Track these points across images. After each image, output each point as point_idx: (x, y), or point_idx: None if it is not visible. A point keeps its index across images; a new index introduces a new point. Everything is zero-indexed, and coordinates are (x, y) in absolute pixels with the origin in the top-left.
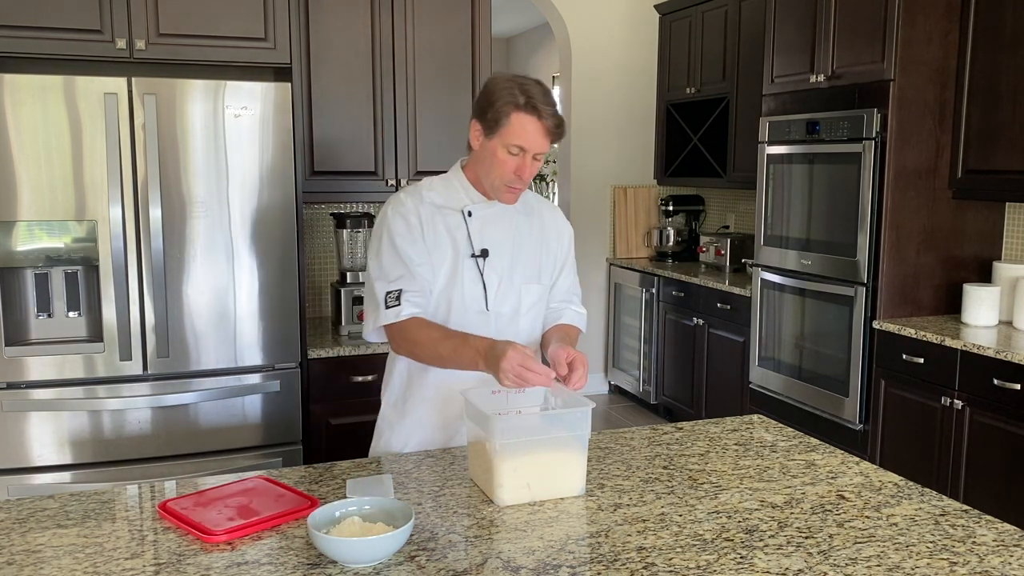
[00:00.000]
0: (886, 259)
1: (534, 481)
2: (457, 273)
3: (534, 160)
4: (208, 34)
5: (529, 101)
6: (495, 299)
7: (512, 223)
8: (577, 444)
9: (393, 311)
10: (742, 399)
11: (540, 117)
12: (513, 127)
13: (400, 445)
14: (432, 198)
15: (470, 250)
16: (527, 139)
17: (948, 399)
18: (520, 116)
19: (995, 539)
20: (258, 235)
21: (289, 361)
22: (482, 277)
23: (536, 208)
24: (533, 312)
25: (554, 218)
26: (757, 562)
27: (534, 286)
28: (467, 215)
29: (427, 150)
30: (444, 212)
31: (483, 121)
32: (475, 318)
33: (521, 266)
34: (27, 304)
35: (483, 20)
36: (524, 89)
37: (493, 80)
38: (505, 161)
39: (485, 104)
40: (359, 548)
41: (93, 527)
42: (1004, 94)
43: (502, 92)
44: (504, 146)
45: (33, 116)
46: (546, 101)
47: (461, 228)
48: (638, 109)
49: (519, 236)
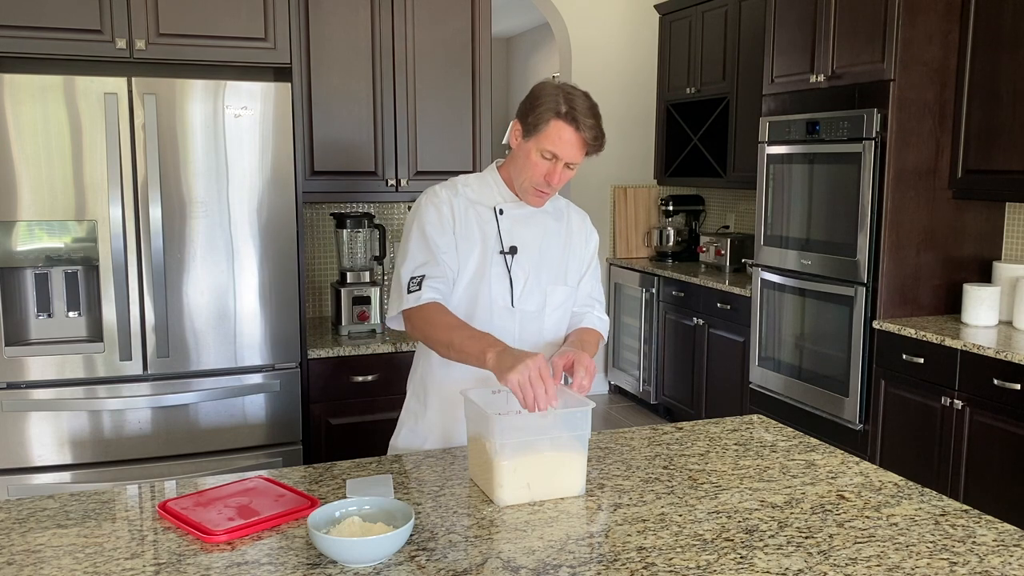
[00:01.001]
0: (886, 259)
1: (534, 481)
2: (485, 268)
3: (566, 168)
4: (208, 34)
5: (571, 111)
6: (521, 296)
7: (542, 225)
8: (577, 444)
9: (414, 295)
10: (742, 399)
11: (578, 128)
12: (550, 133)
13: (421, 439)
14: (467, 193)
15: (499, 246)
16: (562, 147)
17: (948, 399)
18: (559, 124)
19: (995, 539)
20: (258, 235)
21: (289, 361)
22: (509, 274)
23: (566, 213)
24: (558, 313)
25: (582, 224)
26: (757, 562)
27: (560, 287)
28: (498, 212)
29: (427, 150)
30: (477, 207)
31: (524, 122)
32: (501, 314)
33: (548, 266)
34: (27, 304)
35: (483, 20)
36: (568, 99)
37: (542, 85)
38: (537, 164)
39: (529, 107)
40: (359, 548)
41: (93, 527)
42: (1004, 94)
43: (547, 98)
44: (539, 150)
45: (33, 116)
46: (588, 114)
47: (492, 224)
48: (638, 109)
49: (547, 237)
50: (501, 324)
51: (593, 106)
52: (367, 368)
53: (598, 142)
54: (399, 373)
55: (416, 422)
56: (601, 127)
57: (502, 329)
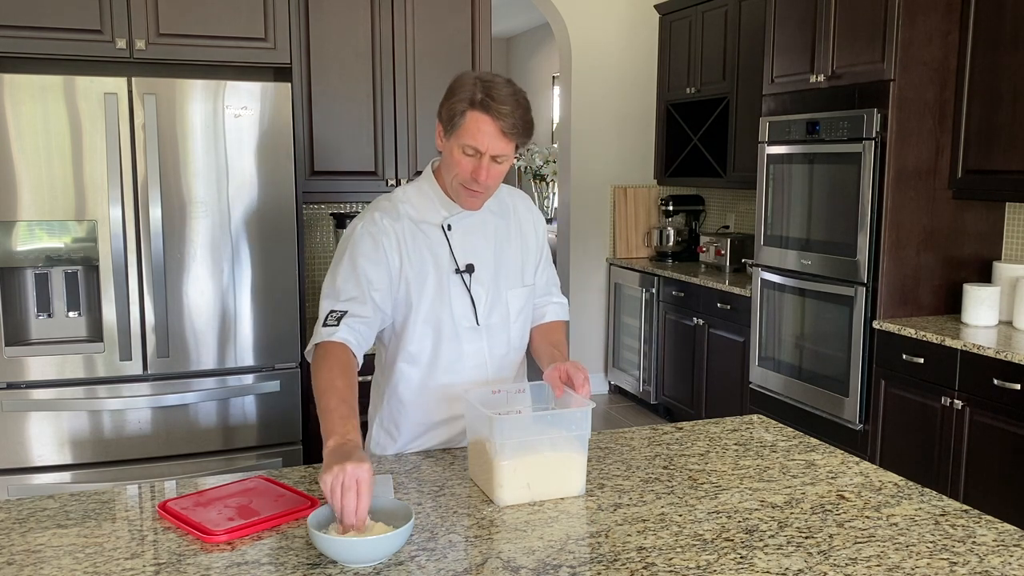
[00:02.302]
0: (886, 259)
1: (534, 481)
2: (443, 291)
3: (494, 162)
4: (208, 34)
5: (485, 99)
6: (484, 312)
7: (492, 230)
8: (577, 444)
9: (328, 330)
10: (742, 399)
11: (495, 116)
12: (468, 126)
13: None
14: (409, 212)
15: (454, 266)
16: (481, 139)
17: (948, 399)
18: (474, 114)
19: (995, 539)
20: (258, 235)
21: (289, 361)
22: (469, 292)
23: (510, 204)
24: (522, 317)
25: (528, 209)
26: (757, 562)
27: (518, 290)
28: (447, 229)
29: (427, 150)
30: (423, 227)
31: (441, 120)
32: (467, 335)
33: (504, 273)
34: (27, 304)
35: (483, 20)
36: (484, 87)
37: (458, 77)
38: (461, 162)
39: (444, 101)
40: (359, 548)
41: (93, 527)
42: (1004, 94)
43: (462, 89)
44: (460, 146)
45: (33, 116)
46: (507, 100)
47: (443, 244)
48: (638, 109)
49: (499, 243)
50: (469, 345)
51: (515, 92)
52: (367, 368)
53: (518, 130)
54: None
55: (384, 452)
56: (526, 114)
57: (472, 350)
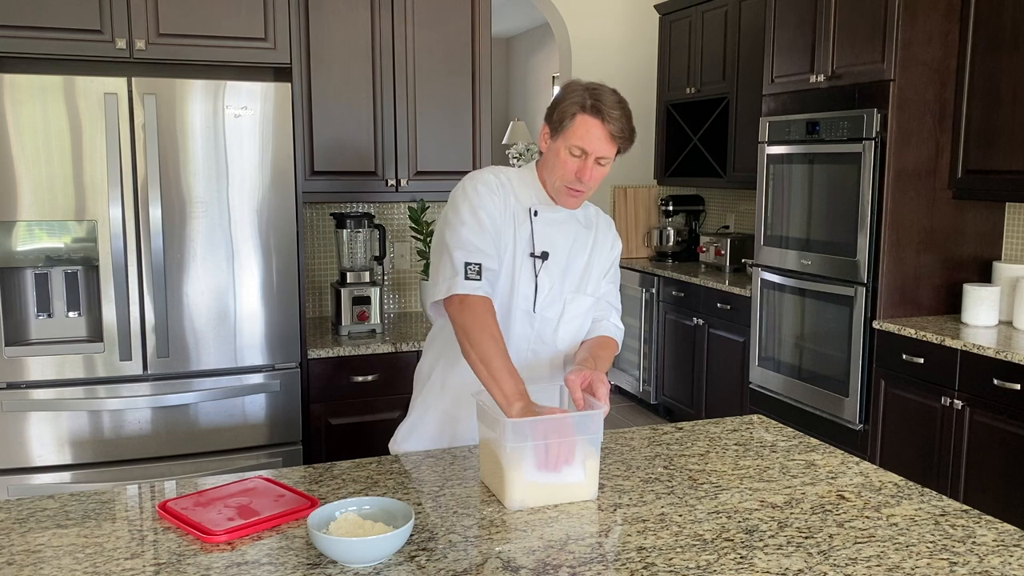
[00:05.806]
0: (886, 259)
1: (546, 485)
2: (515, 269)
3: (597, 164)
4: (208, 34)
5: (595, 104)
6: (543, 302)
7: (572, 232)
8: (589, 447)
9: (472, 283)
10: (742, 399)
11: (604, 120)
12: (576, 128)
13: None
14: (511, 187)
15: (530, 248)
16: (589, 141)
17: (948, 399)
18: (584, 118)
19: (995, 539)
20: (258, 235)
21: (289, 361)
22: (536, 278)
23: (595, 221)
24: (576, 322)
25: (608, 228)
26: (757, 562)
27: (581, 297)
28: (533, 214)
29: (427, 150)
30: (515, 206)
31: (550, 122)
32: (520, 317)
33: (571, 275)
34: (27, 304)
35: (483, 20)
36: (593, 93)
37: (568, 84)
38: (566, 162)
39: (553, 105)
40: (359, 548)
41: (93, 527)
42: (1004, 94)
43: (572, 94)
44: (567, 147)
45: (33, 116)
46: (615, 107)
47: (525, 225)
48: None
49: (575, 245)
50: (520, 328)
51: (621, 101)
52: (367, 368)
53: (625, 135)
54: (399, 373)
55: (424, 414)
56: (630, 122)
57: (520, 334)
